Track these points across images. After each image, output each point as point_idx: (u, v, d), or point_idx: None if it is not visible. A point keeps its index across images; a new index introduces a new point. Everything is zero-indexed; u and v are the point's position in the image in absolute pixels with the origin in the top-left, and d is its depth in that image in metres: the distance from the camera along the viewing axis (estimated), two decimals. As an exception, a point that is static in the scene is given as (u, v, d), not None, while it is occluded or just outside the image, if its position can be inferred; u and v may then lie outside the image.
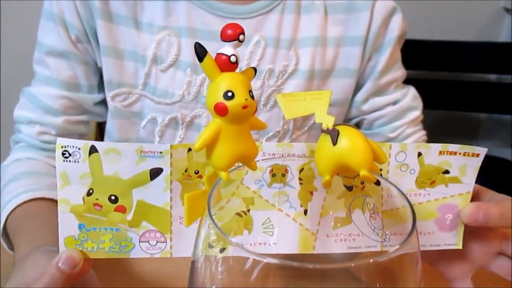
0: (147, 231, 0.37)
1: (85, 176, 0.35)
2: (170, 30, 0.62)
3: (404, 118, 0.71)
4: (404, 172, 0.39)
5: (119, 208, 0.36)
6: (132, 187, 0.36)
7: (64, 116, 0.64)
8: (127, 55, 0.63)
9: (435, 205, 0.41)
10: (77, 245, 0.37)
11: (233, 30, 0.30)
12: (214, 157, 0.31)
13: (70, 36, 0.62)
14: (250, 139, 0.32)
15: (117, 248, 0.37)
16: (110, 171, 0.35)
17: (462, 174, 0.40)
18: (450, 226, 0.41)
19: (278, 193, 0.38)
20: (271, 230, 0.39)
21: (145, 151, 0.35)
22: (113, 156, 0.35)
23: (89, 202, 0.36)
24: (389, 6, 0.67)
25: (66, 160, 0.35)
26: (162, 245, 0.38)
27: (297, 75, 0.65)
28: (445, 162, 0.39)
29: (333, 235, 0.39)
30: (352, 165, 0.31)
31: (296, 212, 0.39)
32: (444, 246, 0.42)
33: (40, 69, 0.64)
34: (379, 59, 0.68)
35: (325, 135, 0.32)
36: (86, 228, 0.37)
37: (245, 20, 0.63)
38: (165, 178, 0.36)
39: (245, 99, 0.30)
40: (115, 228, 0.37)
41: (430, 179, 0.40)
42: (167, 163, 0.36)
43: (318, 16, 0.65)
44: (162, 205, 0.37)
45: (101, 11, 0.61)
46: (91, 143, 0.34)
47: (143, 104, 0.64)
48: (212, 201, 0.31)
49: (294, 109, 0.33)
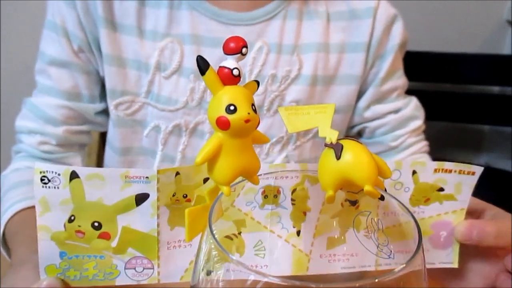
0: (133, 258, 0.36)
1: (66, 202, 0.34)
2: (173, 38, 0.62)
3: (406, 127, 0.71)
4: (399, 190, 0.39)
5: (103, 235, 0.35)
6: (117, 213, 0.35)
7: (64, 126, 0.64)
8: (130, 64, 0.63)
9: (429, 222, 0.40)
10: (59, 273, 0.35)
11: (236, 43, 0.29)
12: (216, 172, 0.31)
13: (72, 46, 0.63)
14: (252, 153, 0.32)
15: (102, 276, 0.36)
16: (93, 197, 0.34)
17: (457, 192, 0.39)
18: (444, 244, 0.41)
19: (270, 214, 0.38)
20: (263, 252, 0.38)
21: (130, 176, 0.33)
22: (96, 182, 0.33)
23: (71, 229, 0.34)
24: (390, 14, 0.68)
25: (45, 186, 0.33)
26: (149, 272, 0.37)
27: (300, 80, 0.65)
28: (440, 179, 0.39)
29: (327, 256, 0.39)
30: (356, 180, 0.31)
31: (288, 233, 0.38)
32: (439, 264, 0.41)
33: (41, 79, 0.64)
34: (381, 66, 0.69)
35: (329, 149, 0.32)
36: (68, 256, 0.35)
37: (248, 26, 0.64)
38: (152, 203, 0.35)
39: (248, 113, 0.29)
40: (99, 255, 0.35)
41: (425, 197, 0.40)
42: (153, 188, 0.34)
43: (321, 23, 0.66)
44: (149, 231, 0.36)
45: (104, 20, 0.61)
46: (72, 169, 0.33)
47: (146, 112, 0.64)
48: (213, 216, 0.31)
49: (297, 123, 0.33)
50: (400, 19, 0.69)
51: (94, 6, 0.61)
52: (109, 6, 0.62)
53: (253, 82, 0.32)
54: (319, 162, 0.34)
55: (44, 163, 0.33)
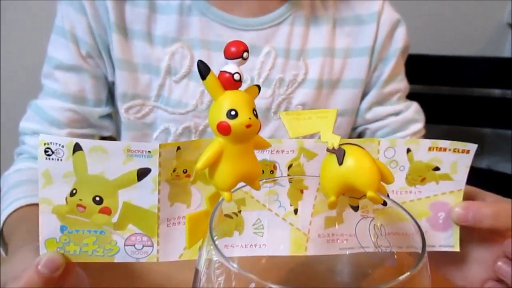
0: (132, 235, 0.36)
1: (69, 175, 0.33)
2: (183, 43, 0.64)
3: (406, 130, 0.72)
4: (394, 169, 0.39)
5: (104, 209, 0.35)
6: (118, 188, 0.34)
7: (68, 128, 0.64)
8: (141, 68, 0.64)
9: (427, 203, 0.40)
10: (58, 247, 0.35)
11: (237, 47, 0.29)
12: (217, 177, 0.30)
13: (80, 51, 0.63)
14: (253, 158, 0.31)
15: (101, 252, 0.36)
16: (95, 171, 0.33)
17: (453, 171, 0.39)
18: (443, 225, 0.40)
19: (269, 192, 0.37)
20: (262, 231, 0.38)
21: (132, 150, 0.33)
22: (99, 155, 0.33)
23: (72, 203, 0.34)
24: (393, 18, 0.69)
25: (48, 158, 0.33)
26: (149, 249, 0.36)
27: (306, 84, 0.67)
28: (435, 158, 0.38)
29: (325, 235, 0.38)
30: (359, 185, 0.31)
31: (285, 211, 0.38)
32: (439, 248, 0.41)
33: (48, 83, 0.65)
34: (384, 69, 0.70)
35: (331, 155, 0.32)
36: (69, 230, 0.35)
37: (256, 31, 0.65)
38: (153, 179, 0.34)
39: (249, 118, 0.29)
40: (99, 231, 0.35)
41: (421, 176, 0.39)
42: (155, 163, 0.34)
43: (327, 29, 0.67)
44: (149, 207, 0.35)
45: (116, 25, 0.62)
46: (75, 141, 0.33)
47: (156, 115, 0.65)
48: (214, 222, 0.30)
49: (298, 127, 0.33)
50: (403, 24, 0.70)
51: (105, 12, 0.62)
52: (120, 12, 0.62)
53: (254, 86, 0.31)
54: (321, 167, 0.33)
55: (48, 135, 0.33)
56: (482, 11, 1.37)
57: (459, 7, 1.34)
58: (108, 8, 0.61)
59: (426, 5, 1.31)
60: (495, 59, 1.30)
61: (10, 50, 1.16)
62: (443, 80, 1.25)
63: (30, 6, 1.13)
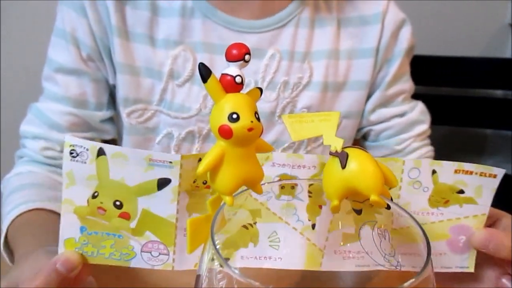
0: (149, 242, 0.36)
1: (92, 178, 0.34)
2: (185, 46, 0.63)
3: (411, 131, 0.71)
4: (417, 190, 0.38)
5: (123, 214, 0.35)
6: (138, 195, 0.35)
7: (69, 132, 0.63)
8: (143, 72, 0.63)
9: (448, 225, 0.39)
10: (77, 248, 0.36)
11: (238, 50, 0.29)
12: (218, 181, 0.30)
13: (81, 54, 0.62)
14: (255, 162, 0.31)
15: (118, 255, 0.36)
16: (116, 176, 0.34)
17: (477, 195, 0.39)
18: (462, 248, 0.40)
19: (286, 206, 0.37)
20: (277, 244, 0.38)
21: (154, 159, 0.34)
22: (120, 161, 0.34)
23: (93, 205, 0.35)
24: (398, 18, 0.68)
25: (73, 159, 0.34)
26: (164, 258, 0.37)
27: (311, 87, 0.66)
28: (460, 181, 0.38)
29: (341, 252, 0.38)
30: (362, 189, 0.30)
31: (303, 226, 0.38)
32: (455, 269, 0.41)
33: (48, 86, 0.64)
34: (388, 70, 0.69)
35: (334, 158, 0.31)
36: (88, 232, 0.36)
37: (260, 34, 0.64)
38: (172, 189, 0.35)
39: (251, 121, 0.28)
40: (118, 235, 0.36)
41: (444, 198, 0.39)
42: (176, 174, 0.34)
43: (331, 30, 0.66)
44: (168, 216, 0.36)
45: (117, 29, 0.61)
46: (99, 145, 0.34)
47: (158, 119, 0.64)
48: (216, 227, 0.30)
49: (301, 130, 0.32)
50: (408, 24, 0.69)
51: (107, 15, 0.61)
52: (122, 15, 0.61)
53: (256, 89, 0.31)
54: (323, 170, 0.33)
55: (74, 137, 0.34)
56: (483, 12, 1.37)
57: (460, 8, 1.34)
58: (110, 11, 0.61)
59: (427, 6, 1.31)
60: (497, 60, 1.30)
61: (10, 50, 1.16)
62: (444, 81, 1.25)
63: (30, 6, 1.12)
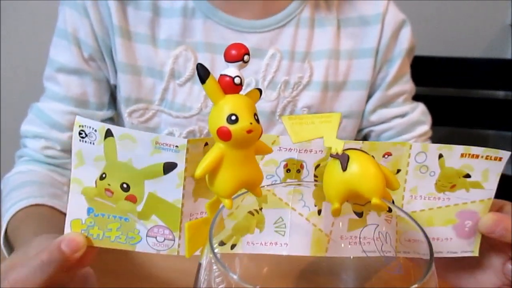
0: (155, 226, 0.36)
1: (100, 159, 0.34)
2: (187, 46, 0.63)
3: (412, 132, 0.71)
4: (424, 174, 0.38)
5: (130, 197, 0.35)
6: (145, 178, 0.35)
7: (70, 132, 0.63)
8: (145, 71, 0.63)
9: (455, 210, 0.39)
10: (83, 229, 0.36)
11: (237, 50, 0.28)
12: (217, 184, 0.30)
13: (83, 54, 0.63)
14: (255, 164, 0.31)
15: (124, 239, 0.36)
16: (124, 158, 0.34)
17: (484, 179, 0.38)
18: (468, 233, 0.40)
19: (293, 192, 0.37)
20: (283, 229, 0.38)
21: (160, 142, 0.33)
22: (128, 143, 0.34)
23: (101, 187, 0.35)
24: (398, 19, 0.68)
25: (82, 140, 0.34)
26: (170, 243, 0.37)
27: (311, 86, 0.66)
28: (466, 165, 0.37)
29: (347, 238, 0.38)
30: (363, 192, 0.30)
31: (309, 211, 0.38)
32: (461, 254, 0.40)
33: (50, 86, 0.64)
34: (389, 71, 0.69)
35: (334, 160, 0.31)
36: (95, 213, 0.35)
37: (261, 34, 0.65)
38: (178, 174, 0.34)
39: (250, 123, 0.28)
40: (124, 217, 0.36)
41: (451, 183, 0.38)
42: (182, 158, 0.34)
43: (331, 30, 0.67)
44: (174, 201, 0.35)
45: (119, 29, 0.61)
46: (107, 127, 0.33)
47: (160, 119, 0.65)
48: (214, 230, 0.29)
49: (301, 132, 0.32)
50: (408, 24, 0.69)
51: (108, 15, 0.61)
52: (124, 15, 0.62)
53: (255, 90, 0.31)
54: (324, 173, 0.32)
55: (84, 118, 0.34)
56: (484, 13, 1.36)
57: (461, 8, 1.34)
58: (111, 11, 0.61)
59: (428, 7, 1.31)
60: (498, 60, 1.29)
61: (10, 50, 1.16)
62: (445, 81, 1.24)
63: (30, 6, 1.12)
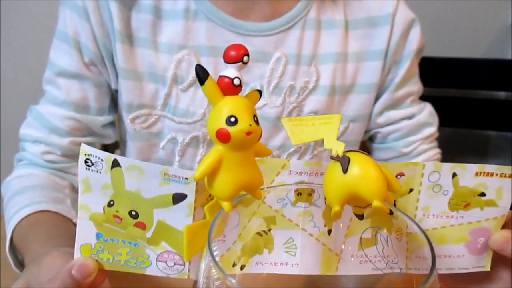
0: (165, 252, 0.36)
1: (107, 186, 0.34)
2: (189, 49, 0.61)
3: (419, 134, 0.70)
4: (437, 193, 0.37)
5: (139, 224, 0.35)
6: (154, 207, 0.35)
7: (70, 137, 0.62)
8: (147, 77, 0.62)
9: (468, 228, 0.39)
10: (92, 254, 0.36)
11: (237, 51, 0.28)
12: (216, 187, 0.29)
13: (83, 58, 0.62)
14: (254, 166, 0.30)
15: (133, 263, 0.36)
16: (132, 187, 0.34)
17: (498, 197, 0.38)
18: (481, 250, 0.40)
19: (303, 213, 0.37)
20: (294, 250, 0.38)
21: (169, 174, 0.33)
22: (135, 173, 0.34)
23: (109, 213, 0.35)
24: (408, 18, 0.66)
25: (88, 168, 0.34)
26: (180, 267, 0.37)
27: (318, 91, 0.64)
28: (481, 184, 0.37)
29: (358, 256, 0.38)
30: (364, 195, 0.29)
31: (319, 231, 0.38)
32: (472, 269, 0.40)
33: (50, 89, 0.63)
34: (397, 72, 0.67)
35: (335, 163, 0.30)
36: (104, 238, 0.36)
37: (266, 37, 0.63)
38: (188, 204, 0.34)
39: (249, 125, 0.28)
40: (134, 243, 0.36)
41: (465, 202, 0.38)
42: (192, 189, 0.34)
43: (339, 32, 0.65)
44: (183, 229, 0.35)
45: (120, 34, 0.60)
46: (114, 157, 0.33)
47: (163, 124, 0.64)
48: (213, 233, 0.29)
49: (301, 134, 0.31)
50: (418, 24, 0.67)
51: (110, 20, 0.60)
52: (125, 19, 0.60)
53: (255, 91, 0.30)
54: (324, 175, 0.32)
55: (89, 147, 0.34)
56: (485, 14, 1.36)
57: (462, 9, 1.33)
58: (113, 16, 0.59)
59: (428, 8, 1.30)
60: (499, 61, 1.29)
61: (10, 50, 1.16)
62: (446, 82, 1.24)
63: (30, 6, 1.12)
